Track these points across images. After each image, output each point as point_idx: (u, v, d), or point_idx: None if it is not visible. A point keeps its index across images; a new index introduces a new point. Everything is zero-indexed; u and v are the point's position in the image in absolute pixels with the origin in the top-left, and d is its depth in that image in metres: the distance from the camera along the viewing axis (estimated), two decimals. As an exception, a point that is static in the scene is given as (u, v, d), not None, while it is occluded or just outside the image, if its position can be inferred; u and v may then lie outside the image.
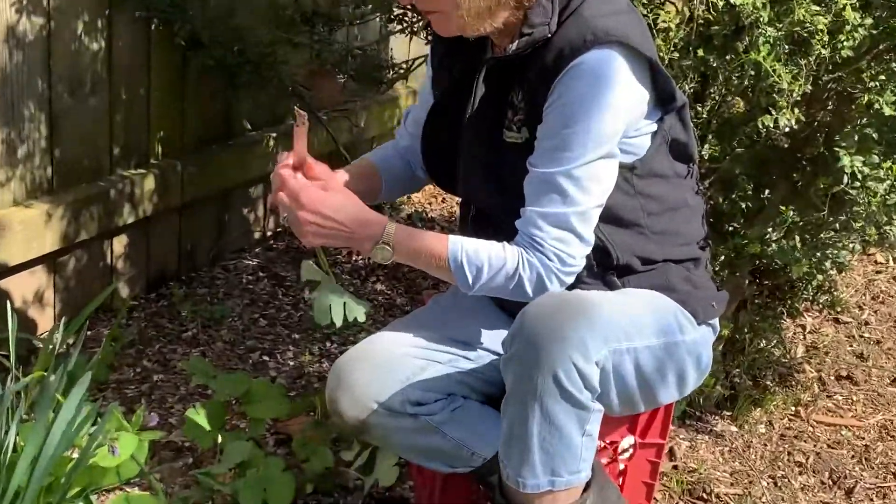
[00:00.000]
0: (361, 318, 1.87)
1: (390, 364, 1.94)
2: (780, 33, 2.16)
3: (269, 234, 3.55)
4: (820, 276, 2.57)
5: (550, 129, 1.76)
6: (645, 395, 1.89)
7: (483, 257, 1.79)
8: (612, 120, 1.75)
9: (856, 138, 2.25)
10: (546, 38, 1.77)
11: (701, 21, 2.23)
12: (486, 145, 1.88)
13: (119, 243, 2.97)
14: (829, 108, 2.41)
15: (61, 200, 2.70)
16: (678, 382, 1.93)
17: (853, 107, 2.30)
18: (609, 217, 1.84)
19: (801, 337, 3.31)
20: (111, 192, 2.82)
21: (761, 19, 2.15)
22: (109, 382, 2.66)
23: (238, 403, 2.46)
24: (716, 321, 2.01)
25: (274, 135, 3.35)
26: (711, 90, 2.44)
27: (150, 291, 3.11)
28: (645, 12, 2.17)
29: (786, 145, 2.44)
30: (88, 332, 2.81)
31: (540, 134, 1.78)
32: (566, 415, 1.72)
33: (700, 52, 2.23)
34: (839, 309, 3.39)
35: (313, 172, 1.83)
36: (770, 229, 2.52)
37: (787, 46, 2.19)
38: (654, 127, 1.85)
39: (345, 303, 1.86)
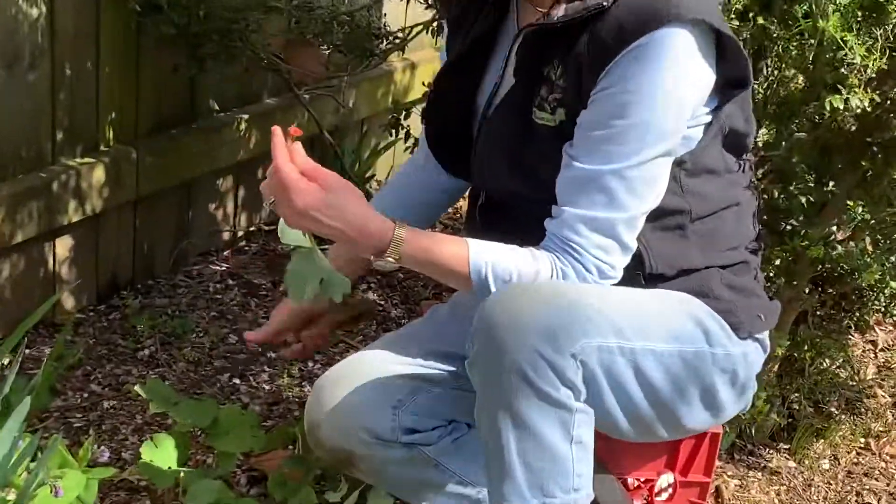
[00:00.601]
0: (338, 299, 1.84)
1: (379, 385, 1.95)
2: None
3: (240, 233, 3.55)
4: (894, 284, 2.57)
5: (601, 118, 1.75)
6: (660, 413, 1.88)
7: (511, 269, 1.79)
8: (678, 113, 1.76)
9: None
10: (601, 7, 1.75)
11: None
12: (509, 125, 1.88)
13: (63, 246, 2.97)
14: (904, 83, 2.41)
15: (-6, 195, 2.70)
16: (706, 402, 1.92)
17: (934, 83, 2.31)
18: (649, 218, 1.84)
19: (872, 355, 3.31)
20: (54, 184, 2.83)
21: None
22: (52, 410, 2.66)
23: (204, 435, 2.46)
24: (765, 336, 2.01)
25: (245, 116, 3.36)
26: (767, 62, 2.44)
27: (99, 302, 3.12)
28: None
29: (853, 128, 2.44)
30: (27, 351, 2.81)
31: (585, 121, 1.77)
32: (542, 416, 1.72)
33: (759, 20, 2.23)
34: (917, 322, 3.38)
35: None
36: (835, 228, 2.52)
37: (858, 13, 2.19)
38: (710, 116, 1.85)
39: (322, 279, 1.84)
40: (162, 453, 2.28)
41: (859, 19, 2.20)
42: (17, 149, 2.79)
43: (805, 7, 2.23)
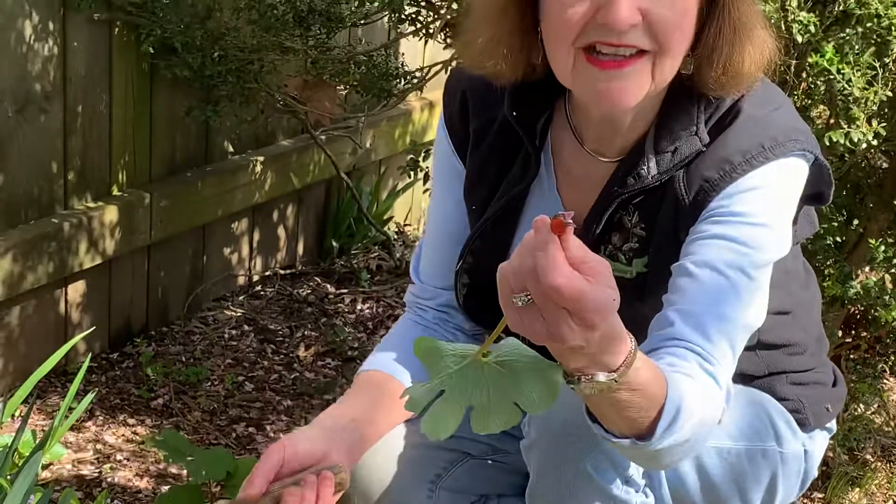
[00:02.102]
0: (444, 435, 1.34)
1: (414, 462, 1.89)
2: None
3: (255, 278, 3.56)
4: (930, 327, 2.56)
5: (717, 229, 1.62)
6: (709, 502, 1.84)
7: (697, 414, 1.49)
8: (786, 233, 1.67)
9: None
10: (700, 151, 1.65)
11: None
12: None
13: (75, 291, 2.98)
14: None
15: (5, 240, 2.72)
16: (765, 497, 1.88)
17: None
18: None
19: (908, 400, 3.28)
20: (65, 229, 2.84)
21: None
22: (63, 462, 2.66)
23: (219, 487, 2.45)
24: (832, 423, 1.98)
25: (261, 158, 3.37)
26: (793, 97, 2.44)
27: (112, 350, 3.12)
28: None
29: (885, 164, 2.44)
30: (38, 401, 2.81)
31: (697, 232, 1.63)
32: None
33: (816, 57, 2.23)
34: (954, 365, 3.35)
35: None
36: (868, 269, 2.50)
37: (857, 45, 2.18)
38: None
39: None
40: (176, 506, 2.27)
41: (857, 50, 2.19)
42: (29, 193, 2.80)
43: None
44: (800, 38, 2.17)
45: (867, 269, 2.59)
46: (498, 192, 1.81)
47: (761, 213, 1.62)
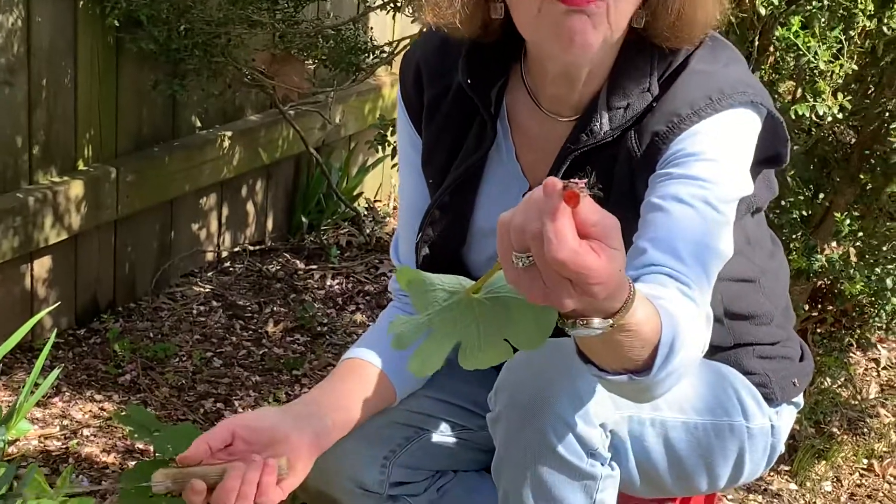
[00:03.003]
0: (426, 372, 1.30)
1: (371, 435, 1.89)
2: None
3: (223, 253, 3.55)
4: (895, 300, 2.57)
5: (676, 171, 1.63)
6: (677, 479, 1.85)
7: (689, 341, 1.47)
8: (744, 173, 1.68)
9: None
10: (651, 106, 1.67)
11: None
12: None
13: (41, 267, 2.96)
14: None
15: (-31, 216, 2.70)
16: (732, 472, 1.89)
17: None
18: None
19: (875, 374, 3.30)
20: (30, 203, 2.82)
21: None
22: (29, 438, 2.65)
23: (186, 462, 2.44)
24: (799, 398, 1.99)
25: (228, 133, 3.35)
26: (760, 71, 2.45)
27: (79, 325, 3.11)
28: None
29: (852, 140, 2.45)
30: (3, 377, 2.80)
31: (660, 175, 1.65)
32: (565, 484, 1.70)
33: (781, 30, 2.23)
34: (920, 339, 3.38)
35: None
36: (835, 244, 2.52)
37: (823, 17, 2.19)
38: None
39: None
40: (143, 482, 2.26)
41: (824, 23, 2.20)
42: (-7, 168, 2.79)
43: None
44: (763, 11, 2.17)
45: (833, 243, 2.61)
46: (455, 162, 1.81)
47: (714, 150, 1.64)
